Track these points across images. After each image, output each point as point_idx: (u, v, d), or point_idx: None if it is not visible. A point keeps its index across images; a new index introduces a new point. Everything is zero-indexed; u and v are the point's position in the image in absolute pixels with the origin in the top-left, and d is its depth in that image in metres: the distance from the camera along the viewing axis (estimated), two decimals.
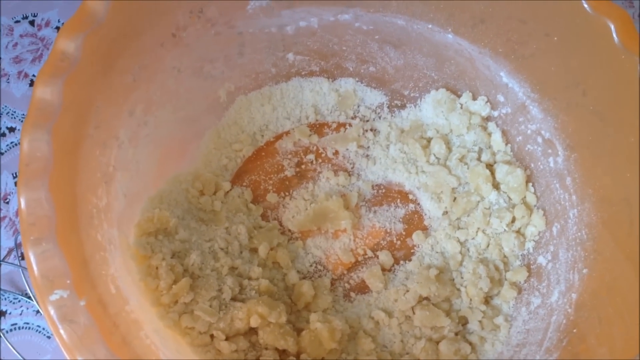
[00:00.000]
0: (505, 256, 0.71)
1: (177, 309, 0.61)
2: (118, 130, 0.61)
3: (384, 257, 0.73)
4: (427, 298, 0.69)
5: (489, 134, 0.75)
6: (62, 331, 0.42)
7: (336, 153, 0.78)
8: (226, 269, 0.66)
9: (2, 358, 0.59)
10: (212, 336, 0.62)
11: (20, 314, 0.74)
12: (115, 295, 0.53)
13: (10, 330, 0.74)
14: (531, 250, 0.70)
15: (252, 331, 0.64)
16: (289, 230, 0.74)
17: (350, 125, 0.80)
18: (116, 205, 0.61)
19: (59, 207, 0.47)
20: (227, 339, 0.62)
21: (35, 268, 0.44)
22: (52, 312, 0.43)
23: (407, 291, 0.69)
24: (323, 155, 0.78)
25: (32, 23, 0.90)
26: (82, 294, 0.45)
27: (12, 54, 0.88)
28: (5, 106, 0.85)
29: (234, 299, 0.65)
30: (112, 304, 0.51)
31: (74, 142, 0.52)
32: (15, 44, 0.89)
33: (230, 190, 0.74)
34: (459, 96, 0.77)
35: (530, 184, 0.72)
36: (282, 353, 0.64)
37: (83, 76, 0.53)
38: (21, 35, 0.89)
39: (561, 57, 0.63)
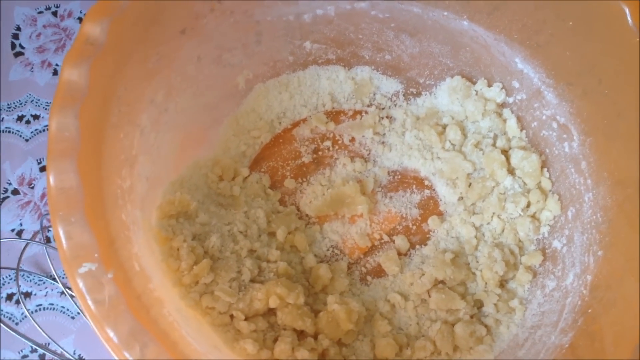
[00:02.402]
0: (520, 240, 0.72)
1: (198, 289, 0.62)
2: (140, 115, 0.63)
3: (400, 241, 0.74)
4: (442, 281, 0.69)
5: (504, 120, 0.76)
6: (90, 302, 0.44)
7: (352, 140, 0.79)
8: (245, 252, 0.67)
9: (28, 337, 0.61)
10: (231, 316, 0.63)
11: (45, 295, 0.76)
12: (139, 273, 0.54)
13: (36, 311, 0.76)
14: (546, 235, 0.71)
15: (271, 312, 0.65)
16: (307, 215, 0.75)
17: (366, 112, 0.81)
18: (139, 187, 0.62)
19: (86, 185, 0.48)
20: (246, 319, 0.63)
21: (64, 242, 0.45)
22: (80, 284, 0.44)
23: (423, 275, 0.69)
24: (339, 142, 0.79)
25: (54, 14, 0.92)
26: (110, 267, 0.47)
27: (36, 43, 0.90)
28: (30, 94, 0.87)
29: (253, 280, 0.66)
30: (136, 281, 0.53)
31: (99, 124, 0.54)
32: (39, 34, 0.91)
33: (249, 176, 0.76)
34: (474, 83, 0.77)
35: (545, 169, 0.72)
36: (300, 334, 0.65)
37: (108, 60, 0.55)
38: (44, 26, 0.91)
39: (576, 42, 0.64)
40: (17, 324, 0.74)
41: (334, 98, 0.81)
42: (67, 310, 0.76)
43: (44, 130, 0.84)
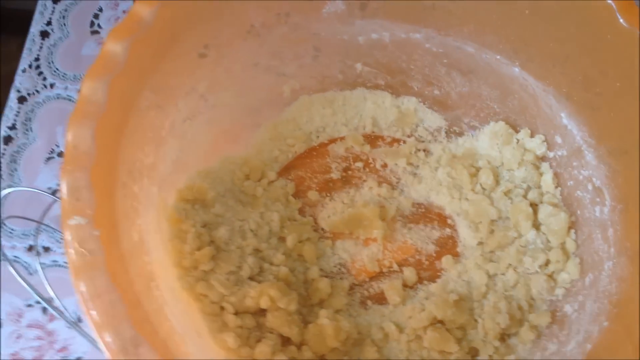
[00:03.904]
0: (532, 298, 0.69)
1: (196, 274, 0.64)
2: (177, 99, 0.66)
3: (409, 273, 0.73)
4: (441, 321, 0.68)
5: (541, 174, 0.74)
6: (71, 252, 0.47)
7: (384, 166, 0.79)
8: (250, 249, 0.68)
9: (34, 288, 0.65)
10: (222, 308, 0.64)
11: (62, 254, 0.81)
12: (136, 243, 0.57)
13: (50, 266, 0.81)
14: (560, 297, 0.68)
15: (262, 312, 0.66)
16: (322, 229, 0.75)
17: (404, 142, 0.81)
18: (162, 167, 0.65)
19: (100, 147, 0.52)
20: (235, 313, 0.64)
21: (64, 193, 0.49)
22: (67, 235, 0.47)
23: (423, 310, 0.68)
24: (372, 165, 0.80)
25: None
26: (100, 226, 0.49)
27: (111, 26, 0.96)
28: None
29: (251, 278, 0.67)
30: (131, 249, 0.55)
31: (129, 96, 0.57)
32: (117, 18, 0.97)
33: (275, 180, 0.77)
34: (517, 131, 0.76)
35: (573, 231, 0.70)
36: (286, 341, 0.66)
37: (152, 40, 0.58)
38: (124, 11, 0.98)
39: (621, 105, 0.62)
40: (31, 274, 0.79)
41: (375, 122, 0.82)
42: None
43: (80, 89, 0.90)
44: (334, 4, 0.71)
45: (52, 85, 0.94)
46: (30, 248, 0.83)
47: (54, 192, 0.85)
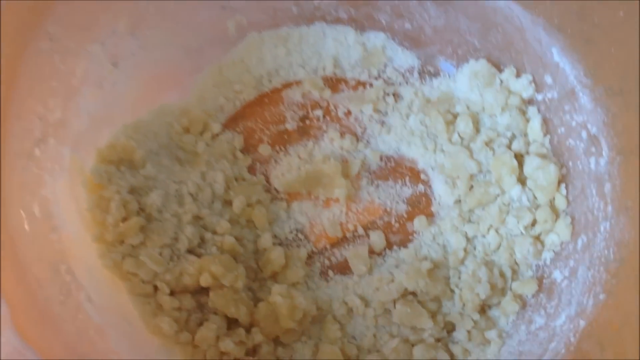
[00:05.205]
0: (516, 263, 0.63)
1: (122, 249, 0.56)
2: (91, 41, 0.55)
3: (376, 238, 0.65)
4: (413, 293, 0.61)
5: (527, 120, 0.66)
6: None
7: (348, 113, 0.70)
8: (189, 217, 0.59)
9: None
10: (155, 287, 0.56)
11: None
12: (39, 220, 0.47)
13: None
14: (548, 262, 0.62)
15: (204, 291, 0.58)
16: (275, 190, 0.67)
17: (370, 85, 0.72)
18: (75, 123, 0.56)
19: None
20: (172, 294, 0.56)
21: None
22: None
23: (392, 281, 0.61)
24: (333, 113, 0.71)
25: None
26: None
27: None
28: None
29: (190, 251, 0.59)
30: (29, 228, 0.45)
31: (19, 38, 0.46)
32: None
33: (220, 133, 0.68)
34: (501, 71, 0.68)
35: (563, 185, 0.62)
36: (233, 323, 0.58)
37: None
38: None
39: (624, 37, 0.54)
40: None
41: (337, 63, 0.72)
42: None
43: None
44: None
45: None
46: None
47: None
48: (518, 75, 0.67)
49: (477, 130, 0.67)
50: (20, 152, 0.47)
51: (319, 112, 0.70)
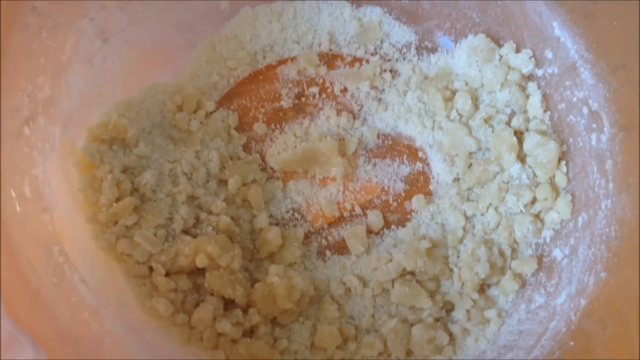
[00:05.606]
0: (515, 241, 0.61)
1: (116, 230, 0.54)
2: (80, 17, 0.53)
3: (374, 217, 0.64)
4: (411, 273, 0.60)
5: (527, 96, 0.65)
6: None
7: (344, 90, 0.68)
8: (184, 197, 0.58)
9: None
10: (150, 268, 0.55)
11: None
12: (29, 200, 0.46)
13: None
14: (548, 240, 0.61)
15: (200, 272, 0.57)
16: (271, 168, 0.66)
17: (367, 61, 0.70)
18: (65, 101, 0.54)
19: None
20: (167, 275, 0.55)
21: None
22: None
23: (390, 261, 0.60)
24: (329, 90, 0.69)
25: None
26: None
27: None
28: None
29: (185, 232, 0.58)
30: (20, 209, 0.44)
31: (6, 15, 0.44)
32: None
33: (214, 111, 0.66)
34: (500, 46, 0.66)
35: (564, 163, 0.61)
36: (230, 304, 0.57)
37: None
38: None
39: (627, 11, 0.53)
40: None
41: (333, 39, 0.70)
42: None
43: None
44: None
45: None
46: None
47: None
48: (518, 50, 0.65)
49: (476, 107, 0.66)
50: (10, 131, 0.45)
51: (314, 89, 0.68)
